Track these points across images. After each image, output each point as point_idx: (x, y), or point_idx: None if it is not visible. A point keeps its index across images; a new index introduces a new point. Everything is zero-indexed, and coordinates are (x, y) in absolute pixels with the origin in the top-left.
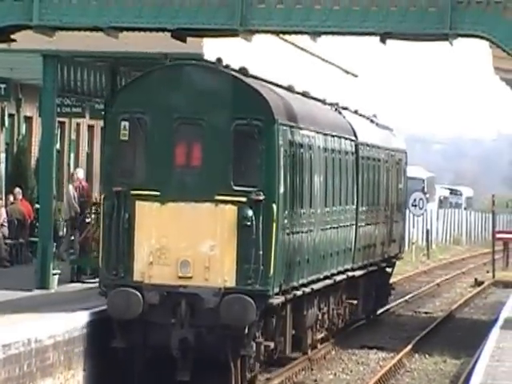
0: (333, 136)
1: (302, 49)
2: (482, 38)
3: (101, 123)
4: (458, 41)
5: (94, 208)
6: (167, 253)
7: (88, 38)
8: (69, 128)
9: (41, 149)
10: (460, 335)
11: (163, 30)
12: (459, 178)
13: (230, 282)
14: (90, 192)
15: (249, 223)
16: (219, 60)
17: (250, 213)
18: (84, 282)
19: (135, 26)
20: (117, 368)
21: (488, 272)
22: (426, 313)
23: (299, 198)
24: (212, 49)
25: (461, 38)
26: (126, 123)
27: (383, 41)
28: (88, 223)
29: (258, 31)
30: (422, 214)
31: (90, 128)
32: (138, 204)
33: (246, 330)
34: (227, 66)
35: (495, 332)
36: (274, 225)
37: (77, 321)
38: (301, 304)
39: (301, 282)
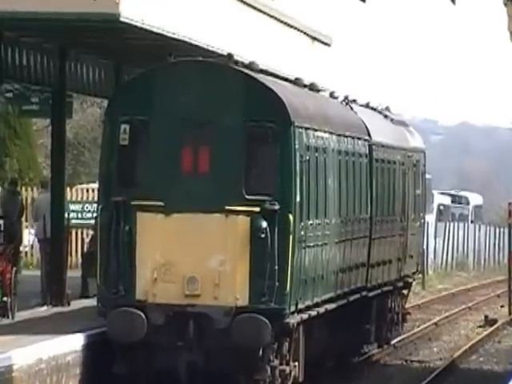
0: (346, 136)
1: (251, 6)
2: None
3: None
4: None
5: None
6: (173, 269)
7: None
8: None
9: None
10: None
11: None
12: (464, 180)
13: (243, 300)
14: None
15: (263, 235)
16: (230, 56)
17: (264, 224)
18: None
19: None
20: None
21: (503, 307)
22: (419, 362)
23: (315, 208)
24: (131, 8)
25: None
26: (127, 126)
27: None
28: None
29: None
30: None
31: None
32: (140, 215)
33: (260, 353)
34: (237, 62)
35: None
36: (291, 237)
37: None
38: (312, 326)
39: (315, 300)
